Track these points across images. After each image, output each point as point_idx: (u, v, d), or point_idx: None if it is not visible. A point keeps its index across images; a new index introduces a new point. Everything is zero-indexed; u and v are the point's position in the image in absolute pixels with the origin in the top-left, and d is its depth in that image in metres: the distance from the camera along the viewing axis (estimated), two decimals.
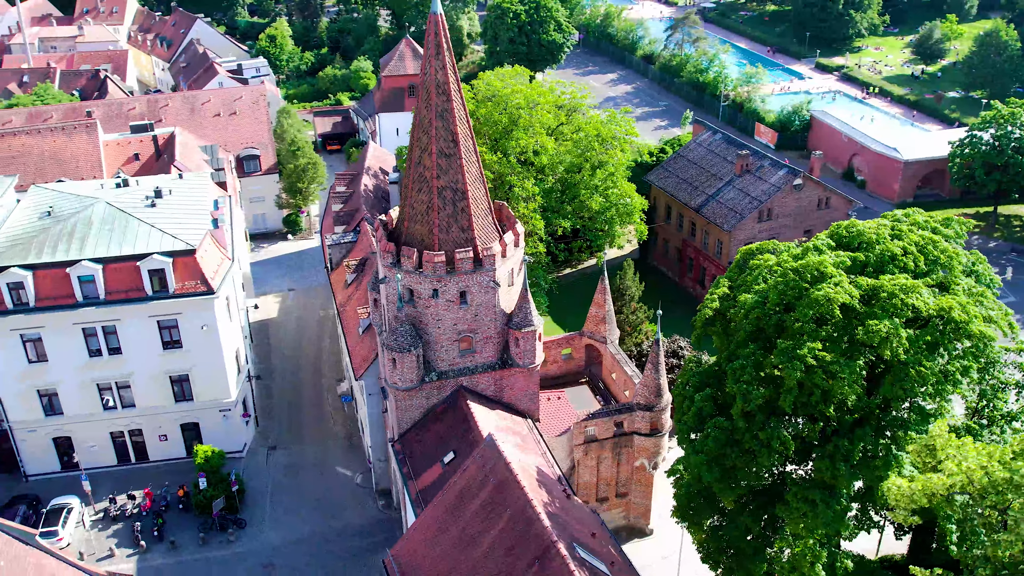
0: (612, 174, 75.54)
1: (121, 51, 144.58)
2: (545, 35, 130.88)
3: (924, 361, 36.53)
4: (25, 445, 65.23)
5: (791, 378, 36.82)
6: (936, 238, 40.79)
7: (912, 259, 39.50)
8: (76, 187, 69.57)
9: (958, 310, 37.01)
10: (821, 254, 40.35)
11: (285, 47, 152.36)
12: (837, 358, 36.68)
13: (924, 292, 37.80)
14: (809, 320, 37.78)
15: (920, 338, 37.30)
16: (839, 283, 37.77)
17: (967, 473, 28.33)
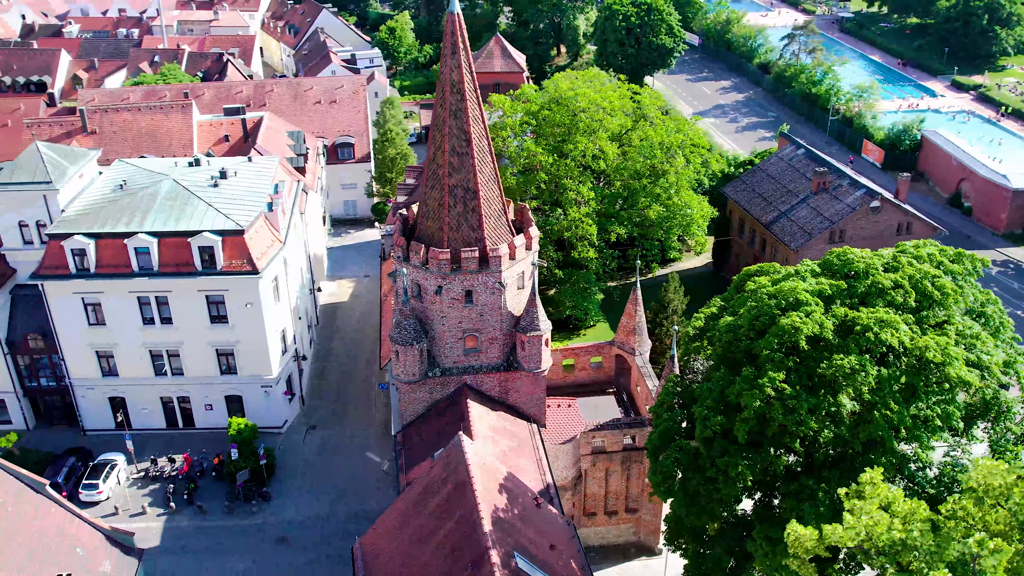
0: (674, 183, 73.89)
1: (249, 36, 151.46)
2: (655, 39, 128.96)
3: (892, 403, 34.26)
4: (84, 401, 69.67)
5: (748, 408, 35.31)
6: (936, 273, 38.16)
7: (902, 293, 37.09)
8: (153, 163, 73.60)
9: (935, 351, 34.54)
10: (804, 280, 38.43)
11: (404, 39, 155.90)
12: (797, 391, 34.89)
13: (903, 328, 35.45)
14: (775, 349, 36.12)
15: (894, 378, 35.02)
16: (811, 312, 35.91)
17: (867, 528, 26.47)
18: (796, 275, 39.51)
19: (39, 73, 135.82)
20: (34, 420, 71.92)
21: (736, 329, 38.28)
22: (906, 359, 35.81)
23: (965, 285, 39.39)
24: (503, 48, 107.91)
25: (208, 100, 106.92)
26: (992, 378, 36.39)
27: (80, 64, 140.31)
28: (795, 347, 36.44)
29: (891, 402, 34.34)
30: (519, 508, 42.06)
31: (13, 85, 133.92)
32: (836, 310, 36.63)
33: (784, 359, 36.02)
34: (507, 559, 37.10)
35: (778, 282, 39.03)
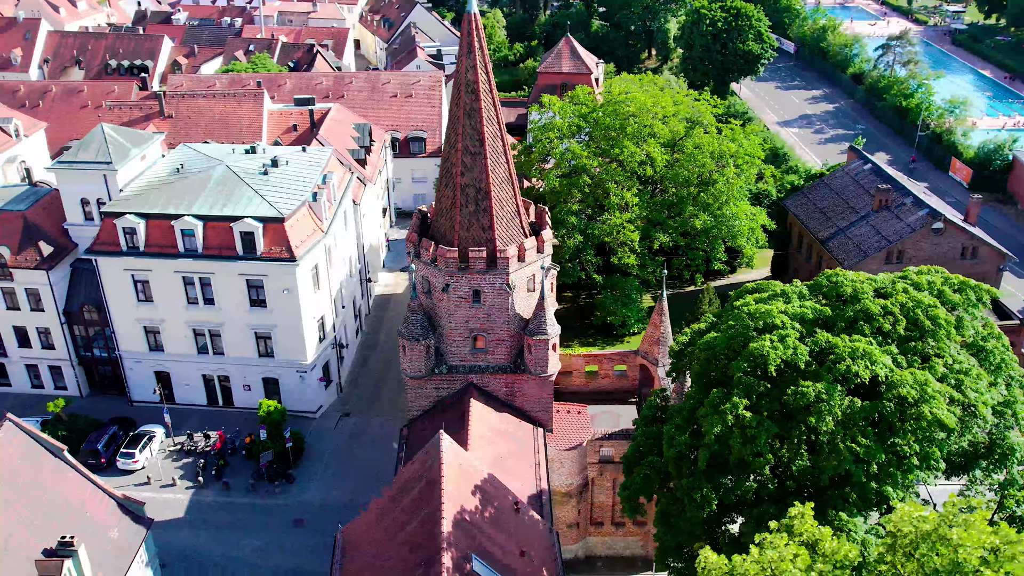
0: (723, 193, 72.17)
1: (343, 29, 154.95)
2: (742, 44, 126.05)
3: (860, 437, 32.67)
4: (132, 373, 72.78)
5: (709, 433, 34.28)
6: (932, 302, 36.20)
7: (891, 321, 35.31)
8: (213, 149, 76.11)
9: (909, 386, 32.75)
10: (789, 301, 37.01)
11: (494, 36, 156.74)
12: (760, 420, 33.64)
13: (881, 361, 33.74)
14: (746, 372, 34.93)
15: (866, 411, 33.38)
16: (785, 336, 34.55)
17: (772, 563, 25.24)
18: (782, 295, 38.09)
19: (142, 58, 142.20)
20: (88, 388, 75.55)
21: (713, 348, 37.21)
22: (885, 392, 34.08)
23: (965, 317, 37.22)
24: (572, 49, 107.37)
25: (289, 90, 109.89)
26: (979, 418, 34.27)
27: (181, 51, 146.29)
28: (777, 370, 35.17)
29: (859, 435, 32.73)
30: (492, 511, 41.95)
31: (118, 68, 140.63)
32: (819, 335, 35.15)
33: (756, 383, 34.80)
34: (462, 561, 37.09)
35: (763, 301, 37.72)
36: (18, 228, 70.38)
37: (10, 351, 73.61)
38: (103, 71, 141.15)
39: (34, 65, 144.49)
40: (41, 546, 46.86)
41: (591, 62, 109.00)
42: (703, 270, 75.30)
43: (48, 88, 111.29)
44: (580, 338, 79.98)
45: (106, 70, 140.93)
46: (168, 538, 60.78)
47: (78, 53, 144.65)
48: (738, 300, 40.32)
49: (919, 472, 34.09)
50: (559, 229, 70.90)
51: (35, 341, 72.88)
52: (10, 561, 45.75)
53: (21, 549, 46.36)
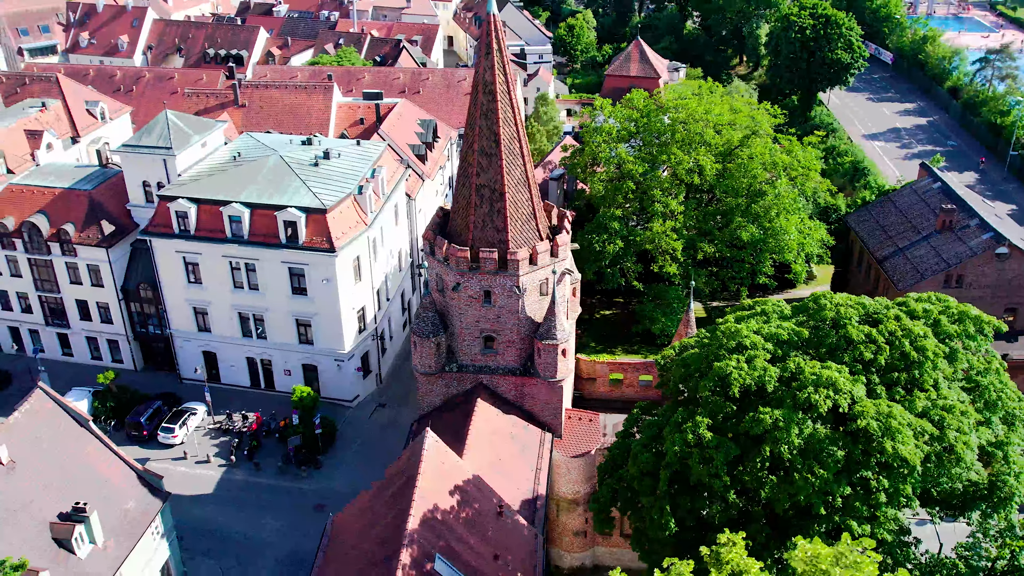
0: (774, 206, 70.20)
1: (432, 25, 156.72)
2: (830, 53, 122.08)
3: (817, 467, 31.37)
4: (181, 352, 75.64)
5: (671, 452, 33.49)
6: (922, 332, 34.43)
7: (873, 349, 33.77)
8: (272, 139, 78.30)
9: (871, 419, 31.22)
10: (768, 322, 35.79)
11: (583, 37, 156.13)
12: (720, 442, 32.66)
13: (847, 391, 32.24)
14: (713, 392, 33.97)
15: (830, 442, 32.02)
16: (753, 358, 33.44)
17: None
18: (762, 314, 36.88)
19: (238, 48, 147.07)
20: (142, 363, 78.86)
21: (687, 365, 36.34)
22: (849, 424, 32.64)
23: (961, 350, 35.26)
24: (642, 52, 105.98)
25: (367, 83, 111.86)
26: (958, 458, 32.43)
27: (275, 42, 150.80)
28: (742, 392, 34.14)
29: (817, 466, 31.44)
30: (469, 512, 42.01)
31: (215, 57, 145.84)
32: (791, 360, 33.92)
33: (721, 404, 33.84)
34: (423, 559, 37.29)
35: (742, 320, 36.62)
36: (84, 206, 73.93)
37: (73, 323, 77.43)
38: (201, 59, 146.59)
39: (138, 51, 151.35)
40: (58, 509, 49.36)
41: (661, 66, 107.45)
42: (748, 283, 73.34)
43: (142, 74, 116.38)
44: (624, 345, 79.21)
45: (204, 58, 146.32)
46: (193, 512, 63.07)
47: (179, 41, 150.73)
48: (725, 316, 39.26)
49: (887, 508, 32.47)
50: (601, 234, 70.29)
51: (95, 315, 76.45)
52: (28, 521, 48.26)
53: (39, 511, 48.85)
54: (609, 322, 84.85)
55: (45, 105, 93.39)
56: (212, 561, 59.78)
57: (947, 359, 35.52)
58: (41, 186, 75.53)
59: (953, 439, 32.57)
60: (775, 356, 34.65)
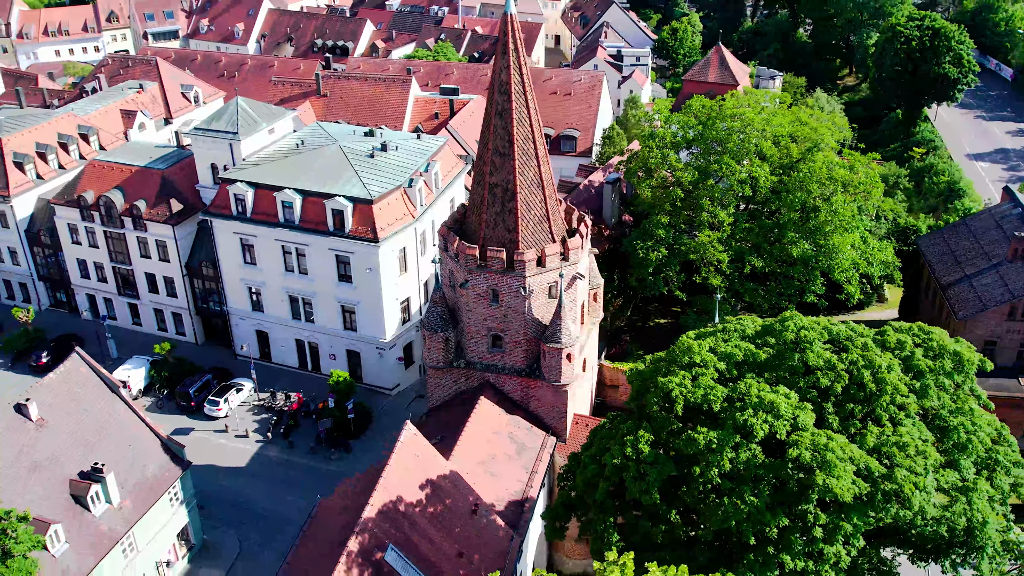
0: (829, 222, 67.58)
1: (536, 24, 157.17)
2: (936, 67, 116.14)
3: (747, 494, 30.21)
4: (237, 329, 78.70)
5: (609, 465, 32.93)
6: (888, 364, 32.66)
7: (831, 377, 32.29)
8: (337, 129, 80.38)
9: (807, 450, 29.79)
10: (728, 340, 34.63)
11: (686, 41, 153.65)
12: (656, 455, 31.89)
13: (791, 417, 30.92)
14: (659, 408, 33.17)
15: (766, 470, 30.79)
16: (700, 376, 32.47)
17: None
18: (723, 332, 35.71)
19: (345, 39, 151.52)
20: (203, 337, 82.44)
21: (642, 378, 35.60)
22: (788, 457, 31.29)
23: (932, 386, 33.25)
24: (722, 59, 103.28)
25: (454, 79, 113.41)
26: (904, 499, 30.63)
27: (380, 35, 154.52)
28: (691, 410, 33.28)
29: (748, 492, 30.29)
30: (438, 508, 42.34)
31: (323, 47, 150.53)
32: (742, 382, 32.77)
33: (667, 420, 33.03)
34: (374, 549, 37.87)
35: (702, 336, 35.59)
36: (156, 185, 77.81)
37: (142, 294, 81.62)
38: (309, 49, 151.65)
39: (252, 39, 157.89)
40: (80, 468, 52.38)
41: (741, 73, 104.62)
42: (796, 301, 70.79)
43: (245, 61, 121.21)
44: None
45: (312, 48, 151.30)
46: (223, 483, 65.73)
47: (290, 31, 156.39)
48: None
49: (830, 546, 30.94)
50: (646, 241, 69.30)
51: (162, 288, 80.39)
52: (51, 476, 51.42)
53: (62, 468, 51.95)
54: (663, 330, 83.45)
55: (142, 87, 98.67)
56: (232, 531, 62.10)
57: (916, 394, 33.49)
58: (120, 163, 79.84)
59: (901, 479, 30.72)
60: (727, 376, 33.54)
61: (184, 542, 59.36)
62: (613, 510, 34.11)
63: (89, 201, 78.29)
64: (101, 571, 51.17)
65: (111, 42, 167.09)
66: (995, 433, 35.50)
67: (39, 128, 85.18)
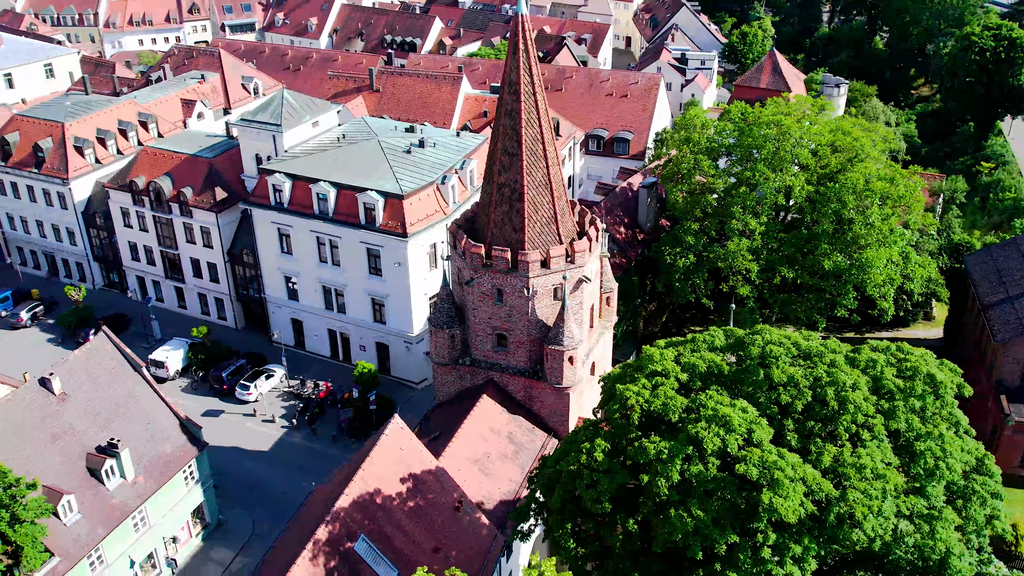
0: (862, 235, 65.78)
1: (604, 25, 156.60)
2: (1011, 79, 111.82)
3: (694, 508, 29.71)
4: (274, 317, 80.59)
5: (565, 471, 32.79)
6: (853, 381, 31.69)
7: (792, 393, 31.55)
8: (380, 124, 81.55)
9: (754, 467, 29.08)
10: (696, 351, 34.08)
11: (755, 45, 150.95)
12: (610, 463, 31.60)
13: (754, 434, 30.26)
14: (619, 416, 32.87)
15: (715, 484, 30.21)
16: (659, 385, 32.04)
17: None
18: (691, 342, 35.14)
19: (413, 35, 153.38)
20: (243, 322, 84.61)
21: (608, 385, 35.31)
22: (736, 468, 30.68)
23: (902, 408, 32.16)
24: (775, 64, 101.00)
25: None
26: (857, 524, 29.69)
27: (448, 32, 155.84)
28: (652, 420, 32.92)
29: (695, 506, 29.79)
30: (418, 502, 42.73)
31: (392, 43, 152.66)
32: (703, 395, 32.25)
33: (625, 428, 32.74)
34: (343, 538, 38.48)
35: (671, 345, 35.11)
36: (203, 173, 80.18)
37: (187, 278, 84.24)
38: (379, 44, 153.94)
39: (324, 33, 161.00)
40: (98, 442, 54.41)
41: (795, 80, 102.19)
42: (827, 314, 69.05)
43: (310, 55, 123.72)
44: None
45: (382, 44, 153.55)
46: (244, 464, 67.47)
47: (362, 26, 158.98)
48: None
49: (779, 568, 30.20)
50: (674, 247, 68.55)
51: (205, 273, 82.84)
52: (69, 449, 53.54)
53: (80, 442, 54.05)
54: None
55: (204, 77, 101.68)
56: (247, 512, 63.65)
57: (884, 415, 32.32)
58: (171, 151, 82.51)
59: (853, 501, 29.75)
60: (692, 387, 32.99)
61: (199, 520, 61.10)
62: (572, 516, 33.98)
63: (140, 186, 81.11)
64: (111, 542, 53.06)
65: (191, 33, 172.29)
66: (974, 462, 34.16)
67: (101, 114, 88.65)
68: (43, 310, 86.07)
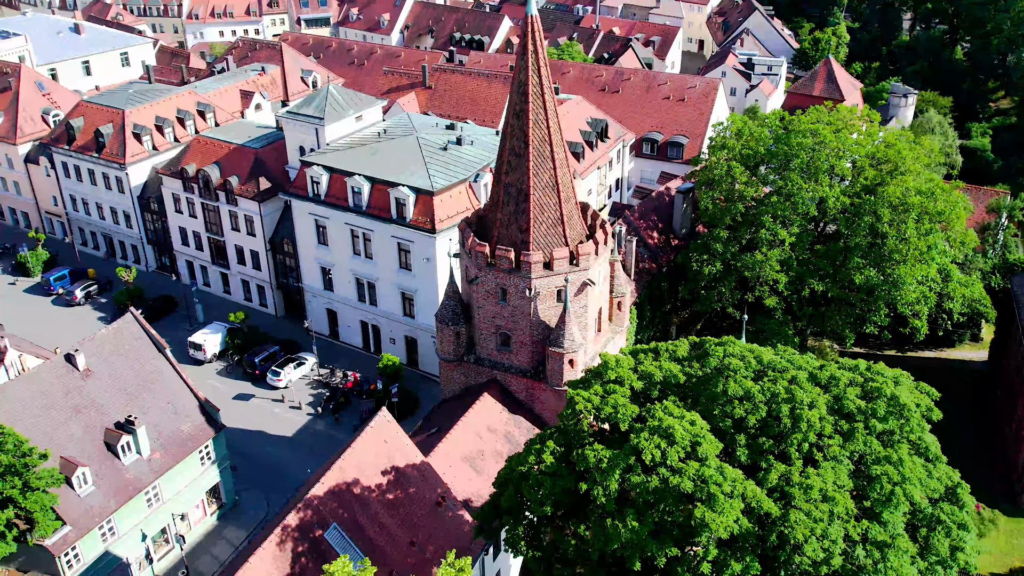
0: (897, 250, 63.87)
1: (673, 27, 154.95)
2: None
3: (630, 519, 29.39)
4: (310, 306, 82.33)
5: (516, 471, 32.80)
6: (810, 400, 30.89)
7: (747, 408, 30.94)
8: (422, 120, 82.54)
9: (689, 480, 28.50)
10: (656, 360, 33.65)
11: (828, 52, 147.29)
12: (556, 467, 31.49)
13: (699, 447, 29.79)
14: (573, 421, 32.70)
15: (652, 496, 29.83)
16: (611, 392, 31.76)
17: None
18: (653, 351, 34.70)
19: (481, 33, 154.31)
20: (283, 310, 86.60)
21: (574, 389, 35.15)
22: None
23: (862, 430, 31.20)
24: (829, 72, 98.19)
25: (570, 78, 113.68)
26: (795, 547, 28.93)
27: (516, 30, 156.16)
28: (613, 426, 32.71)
29: (632, 517, 29.47)
30: (398, 495, 43.22)
31: (460, 40, 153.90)
32: (658, 405, 31.85)
33: (578, 433, 32.58)
34: (314, 525, 39.23)
35: (636, 353, 34.74)
36: (249, 162, 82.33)
37: (232, 265, 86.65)
38: (448, 41, 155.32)
39: (396, 29, 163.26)
40: (117, 418, 56.51)
41: (850, 88, 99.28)
42: (857, 330, 67.21)
43: (374, 50, 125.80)
44: None
45: (451, 41, 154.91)
46: (266, 449, 69.14)
47: (432, 23, 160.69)
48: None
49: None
50: (702, 254, 67.68)
51: (248, 261, 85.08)
52: (89, 423, 55.70)
53: (100, 417, 56.19)
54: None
55: (264, 70, 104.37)
56: (263, 494, 65.22)
57: (843, 436, 31.26)
58: (222, 140, 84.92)
59: (795, 522, 28.89)
60: (649, 396, 32.54)
61: (215, 500, 62.88)
62: (520, 517, 33.97)
63: (190, 173, 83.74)
64: (123, 515, 55.06)
65: (270, 26, 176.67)
66: (943, 490, 32.82)
67: (161, 103, 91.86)
68: (97, 289, 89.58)
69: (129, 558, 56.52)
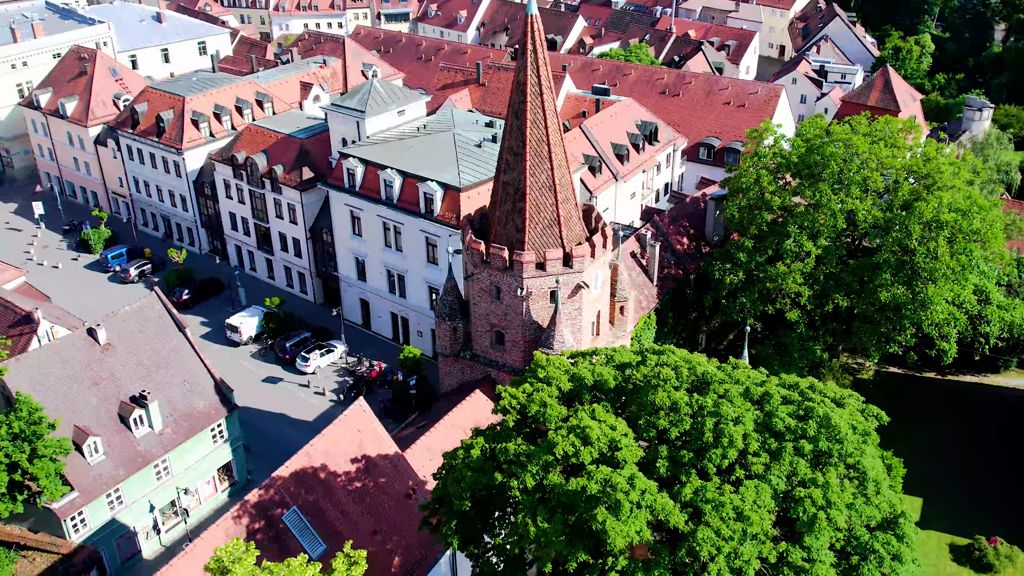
0: (925, 269, 61.60)
1: (749, 32, 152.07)
2: None
3: (541, 521, 29.26)
4: (344, 295, 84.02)
5: (447, 464, 32.98)
6: (737, 415, 30.17)
7: (673, 419, 30.45)
8: (462, 117, 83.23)
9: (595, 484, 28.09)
10: (591, 365, 33.31)
11: (909, 62, 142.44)
12: (481, 463, 31.57)
13: (621, 452, 29.48)
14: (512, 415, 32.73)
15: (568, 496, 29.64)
16: (539, 391, 31.64)
17: None
18: (592, 354, 34.33)
19: (555, 33, 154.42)
20: (322, 297, 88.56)
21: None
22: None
23: (790, 450, 30.34)
24: (886, 81, 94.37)
25: (631, 80, 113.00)
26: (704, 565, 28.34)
27: (590, 31, 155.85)
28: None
29: (542, 516, 29.35)
30: (366, 485, 43.91)
31: None
32: (586, 408, 31.60)
33: (507, 430, 32.61)
34: (274, 507, 40.25)
35: (575, 356, 34.45)
36: (295, 152, 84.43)
37: (275, 251, 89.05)
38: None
39: (472, 26, 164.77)
40: (132, 393, 58.89)
41: (908, 99, 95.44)
42: (883, 349, 64.95)
43: (442, 46, 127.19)
44: None
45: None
46: (284, 432, 70.85)
47: (507, 21, 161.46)
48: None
49: None
50: (725, 263, 66.50)
51: (291, 248, 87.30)
52: (105, 395, 58.15)
53: (116, 390, 58.63)
54: (753, 358, 79.62)
55: (325, 62, 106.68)
56: None
57: (771, 455, 30.28)
58: (272, 130, 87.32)
59: (701, 539, 28.18)
60: (580, 398, 32.22)
61: (227, 477, 64.86)
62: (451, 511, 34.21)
63: (239, 161, 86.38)
64: (131, 484, 57.36)
65: (353, 19, 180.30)
66: (880, 518, 31.52)
67: (220, 91, 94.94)
68: (151, 268, 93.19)
69: (136, 527, 58.83)
